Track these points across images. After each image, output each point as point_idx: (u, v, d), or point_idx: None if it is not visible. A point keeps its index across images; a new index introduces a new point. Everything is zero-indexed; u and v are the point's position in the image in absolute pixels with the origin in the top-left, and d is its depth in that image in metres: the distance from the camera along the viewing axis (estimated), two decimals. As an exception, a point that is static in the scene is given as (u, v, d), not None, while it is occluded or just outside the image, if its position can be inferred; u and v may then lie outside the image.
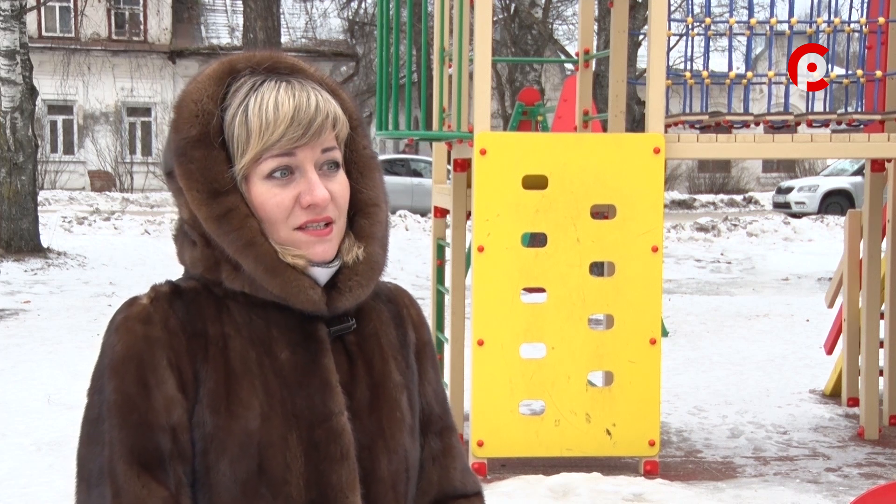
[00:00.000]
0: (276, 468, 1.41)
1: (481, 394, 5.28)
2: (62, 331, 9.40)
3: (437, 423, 1.62)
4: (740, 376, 7.89)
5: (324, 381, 1.47)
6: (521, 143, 5.40)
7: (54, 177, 29.51)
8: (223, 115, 1.45)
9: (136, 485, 1.38)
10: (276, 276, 1.43)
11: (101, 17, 32.32)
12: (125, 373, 1.40)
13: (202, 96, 1.45)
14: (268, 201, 1.43)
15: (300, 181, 1.44)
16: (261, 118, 1.42)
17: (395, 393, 1.53)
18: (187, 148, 1.44)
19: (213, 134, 1.44)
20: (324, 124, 1.44)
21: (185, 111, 1.45)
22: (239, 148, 1.44)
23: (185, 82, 9.45)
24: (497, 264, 5.22)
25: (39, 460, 5.48)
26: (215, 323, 1.45)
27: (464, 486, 1.62)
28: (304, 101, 1.43)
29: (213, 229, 1.43)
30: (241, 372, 1.43)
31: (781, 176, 36.25)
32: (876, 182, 6.14)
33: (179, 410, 1.41)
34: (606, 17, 16.87)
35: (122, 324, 1.44)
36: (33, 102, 14.89)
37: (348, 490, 1.45)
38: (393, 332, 1.58)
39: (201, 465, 1.42)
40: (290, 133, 1.42)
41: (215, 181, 1.43)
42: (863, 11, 6.08)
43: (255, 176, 1.44)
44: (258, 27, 14.12)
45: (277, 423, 1.43)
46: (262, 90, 1.44)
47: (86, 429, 1.43)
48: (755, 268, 15.65)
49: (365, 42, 31.37)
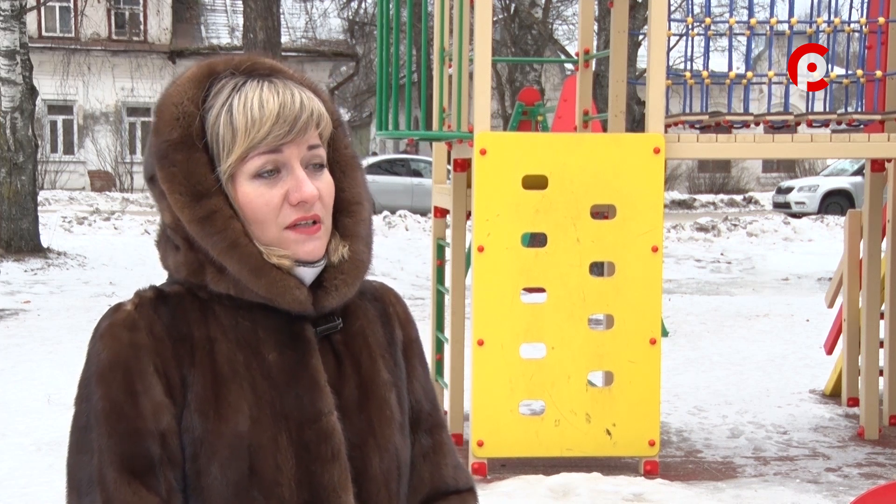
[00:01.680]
0: (268, 470, 1.41)
1: (481, 394, 5.28)
2: (62, 331, 9.39)
3: (427, 421, 1.62)
4: (740, 376, 7.89)
5: (312, 382, 1.46)
6: (521, 143, 5.40)
7: (54, 177, 29.49)
8: (205, 117, 1.44)
9: (126, 492, 1.37)
10: (261, 276, 1.43)
11: (101, 17, 32.31)
12: (112, 380, 1.40)
13: (182, 99, 1.45)
14: (255, 200, 1.43)
15: (287, 179, 1.43)
16: (246, 116, 1.42)
17: (384, 391, 1.53)
18: (169, 151, 1.43)
19: (195, 136, 1.44)
20: (309, 121, 1.44)
21: (166, 114, 1.45)
22: (224, 148, 1.43)
23: (185, 82, 9.26)
24: (497, 264, 5.22)
25: (39, 460, 5.48)
26: (201, 327, 1.45)
27: (456, 483, 1.62)
28: (288, 98, 1.43)
29: (196, 231, 1.43)
30: (228, 375, 1.43)
31: (781, 176, 36.24)
32: (876, 182, 6.14)
33: (168, 416, 1.41)
34: (606, 17, 16.86)
35: (107, 331, 1.43)
36: (33, 102, 14.89)
37: (340, 490, 1.45)
38: (380, 331, 1.58)
39: (192, 470, 1.41)
40: (276, 130, 1.42)
41: (198, 183, 1.43)
42: (863, 11, 6.08)
43: (241, 176, 1.43)
44: (258, 27, 14.11)
45: (267, 424, 1.42)
46: (246, 89, 1.44)
47: (74, 437, 1.43)
48: (755, 268, 15.64)
49: (365, 42, 31.38)
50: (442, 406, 2.33)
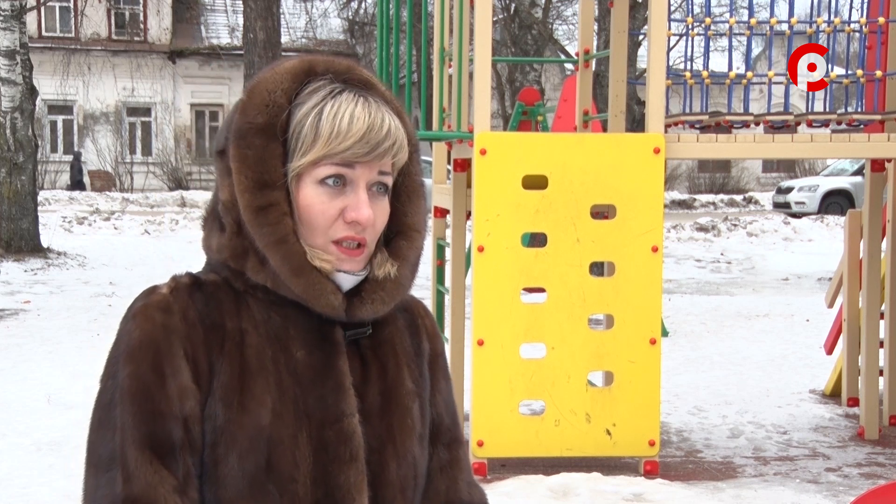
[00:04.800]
0: (285, 465, 1.42)
1: (481, 394, 5.28)
2: (62, 331, 9.40)
3: (447, 435, 1.63)
4: (740, 376, 7.89)
5: (337, 383, 1.47)
6: (521, 143, 5.40)
7: (54, 177, 29.51)
8: (293, 112, 1.46)
9: (147, 471, 1.38)
10: (300, 276, 1.44)
11: (101, 17, 32.33)
12: (141, 359, 1.41)
13: (277, 88, 1.46)
14: (314, 206, 1.44)
15: (349, 195, 1.45)
16: (333, 126, 1.43)
17: (407, 400, 1.54)
18: (250, 133, 1.45)
19: (278, 127, 1.45)
20: (389, 150, 1.46)
21: (257, 98, 1.46)
22: (302, 147, 1.45)
23: (185, 82, 9.48)
24: (497, 264, 5.22)
25: (39, 460, 5.48)
26: (233, 317, 1.46)
27: (470, 498, 1.64)
28: (378, 121, 1.44)
29: (249, 218, 1.44)
30: (255, 368, 1.44)
31: (781, 176, 36.24)
32: (876, 182, 6.14)
33: (192, 401, 1.41)
34: (606, 17, 16.87)
35: (140, 311, 1.44)
36: (33, 102, 14.90)
37: (355, 492, 1.45)
38: (408, 341, 1.59)
39: (210, 458, 1.42)
40: (356, 148, 1.43)
41: (266, 172, 1.44)
42: (863, 11, 6.08)
43: (308, 177, 1.45)
44: (258, 27, 14.11)
45: (289, 420, 1.43)
46: (341, 99, 1.45)
47: (97, 414, 1.43)
48: (755, 268, 15.64)
49: (365, 42, 31.39)
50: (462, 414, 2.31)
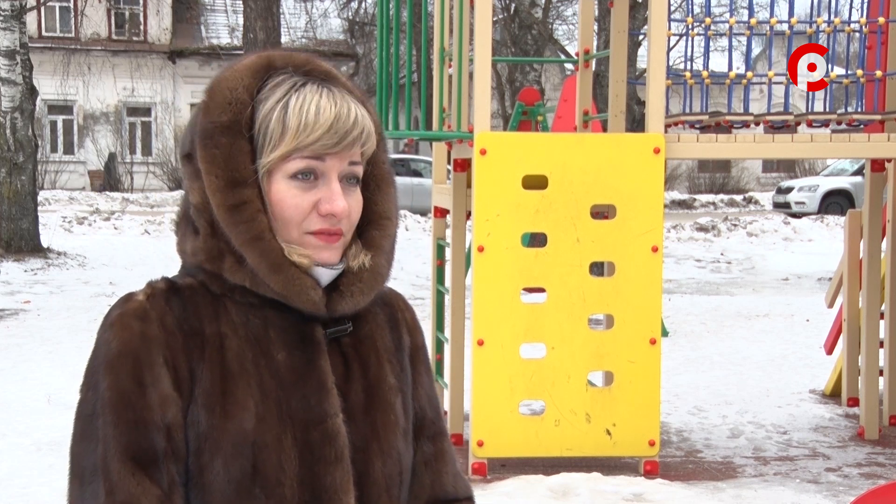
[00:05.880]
0: (270, 469, 1.41)
1: (481, 394, 5.28)
2: (62, 331, 9.40)
3: (430, 428, 1.62)
4: (740, 376, 7.89)
5: (320, 383, 1.46)
6: (521, 143, 5.40)
7: (54, 177, 29.50)
8: (256, 108, 1.45)
9: (130, 482, 1.37)
10: (279, 273, 1.43)
11: (101, 17, 32.31)
12: (120, 369, 1.40)
13: (238, 85, 1.45)
14: (287, 200, 1.44)
15: (322, 188, 1.44)
16: (300, 118, 1.42)
17: (390, 396, 1.54)
18: (215, 132, 1.44)
19: (243, 124, 1.44)
20: (358, 138, 1.45)
21: (219, 97, 1.45)
22: (270, 143, 1.44)
23: (185, 82, 9.45)
24: (497, 264, 5.22)
25: (39, 460, 5.48)
26: (212, 322, 1.45)
27: (455, 491, 1.63)
28: (344, 111, 1.44)
29: (223, 218, 1.43)
30: (237, 372, 1.43)
31: (781, 176, 36.23)
32: (876, 182, 6.14)
33: (174, 409, 1.40)
34: (606, 17, 16.87)
35: (117, 320, 1.43)
36: (33, 102, 14.90)
37: (342, 492, 1.45)
38: (388, 336, 1.58)
39: (195, 465, 1.41)
40: (325, 139, 1.43)
41: (236, 170, 1.43)
42: (863, 11, 6.08)
43: (278, 173, 1.44)
44: (258, 27, 14.11)
45: (272, 423, 1.42)
46: (305, 91, 1.44)
47: (79, 425, 1.42)
48: (755, 268, 15.64)
49: (365, 42, 31.37)
50: (442, 406, 2.34)
